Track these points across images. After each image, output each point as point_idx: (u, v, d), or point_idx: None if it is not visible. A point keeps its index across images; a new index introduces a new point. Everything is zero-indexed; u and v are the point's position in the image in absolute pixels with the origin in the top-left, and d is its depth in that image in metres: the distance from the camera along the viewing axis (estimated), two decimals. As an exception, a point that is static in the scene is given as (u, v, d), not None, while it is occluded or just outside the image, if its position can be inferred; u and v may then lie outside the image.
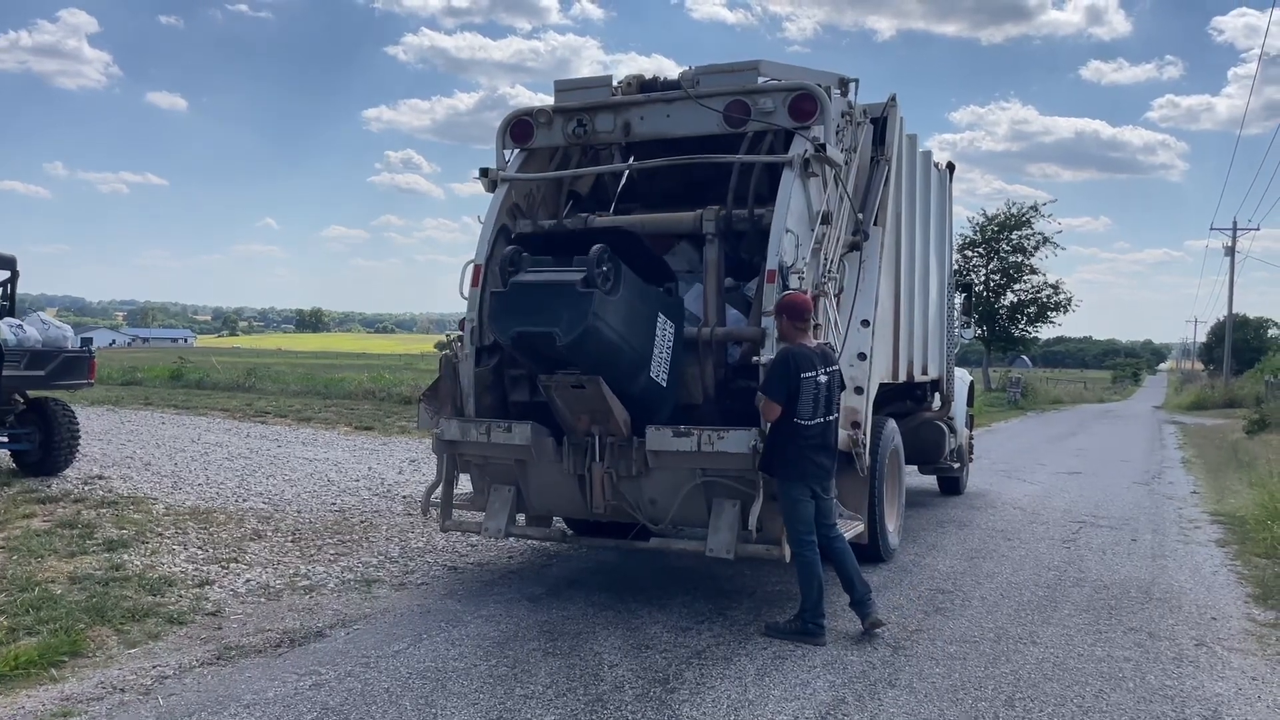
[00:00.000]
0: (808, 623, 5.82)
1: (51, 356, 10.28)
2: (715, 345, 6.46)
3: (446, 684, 4.94)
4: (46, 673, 4.94)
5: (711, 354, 6.47)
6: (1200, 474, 15.56)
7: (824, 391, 5.85)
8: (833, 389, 5.95)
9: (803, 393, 5.73)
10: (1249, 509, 10.72)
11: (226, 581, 6.76)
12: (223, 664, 5.19)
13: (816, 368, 5.81)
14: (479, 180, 7.36)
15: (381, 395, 24.42)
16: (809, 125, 6.61)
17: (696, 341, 6.39)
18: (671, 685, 4.99)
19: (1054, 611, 6.62)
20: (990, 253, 43.80)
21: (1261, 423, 22.50)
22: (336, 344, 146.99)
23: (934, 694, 4.97)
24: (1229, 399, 40.13)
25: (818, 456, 5.86)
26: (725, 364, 6.54)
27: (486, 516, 6.71)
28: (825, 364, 5.91)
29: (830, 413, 5.93)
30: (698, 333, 6.41)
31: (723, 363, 6.53)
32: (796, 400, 5.72)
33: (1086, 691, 5.07)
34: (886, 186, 7.72)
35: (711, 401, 6.49)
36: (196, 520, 8.62)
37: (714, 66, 7.09)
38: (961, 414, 11.41)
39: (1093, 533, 9.68)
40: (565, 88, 7.41)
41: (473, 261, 7.00)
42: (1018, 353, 59.32)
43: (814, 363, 5.82)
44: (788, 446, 5.76)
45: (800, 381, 5.72)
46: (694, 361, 6.43)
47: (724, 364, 6.54)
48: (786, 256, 6.12)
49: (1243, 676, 5.38)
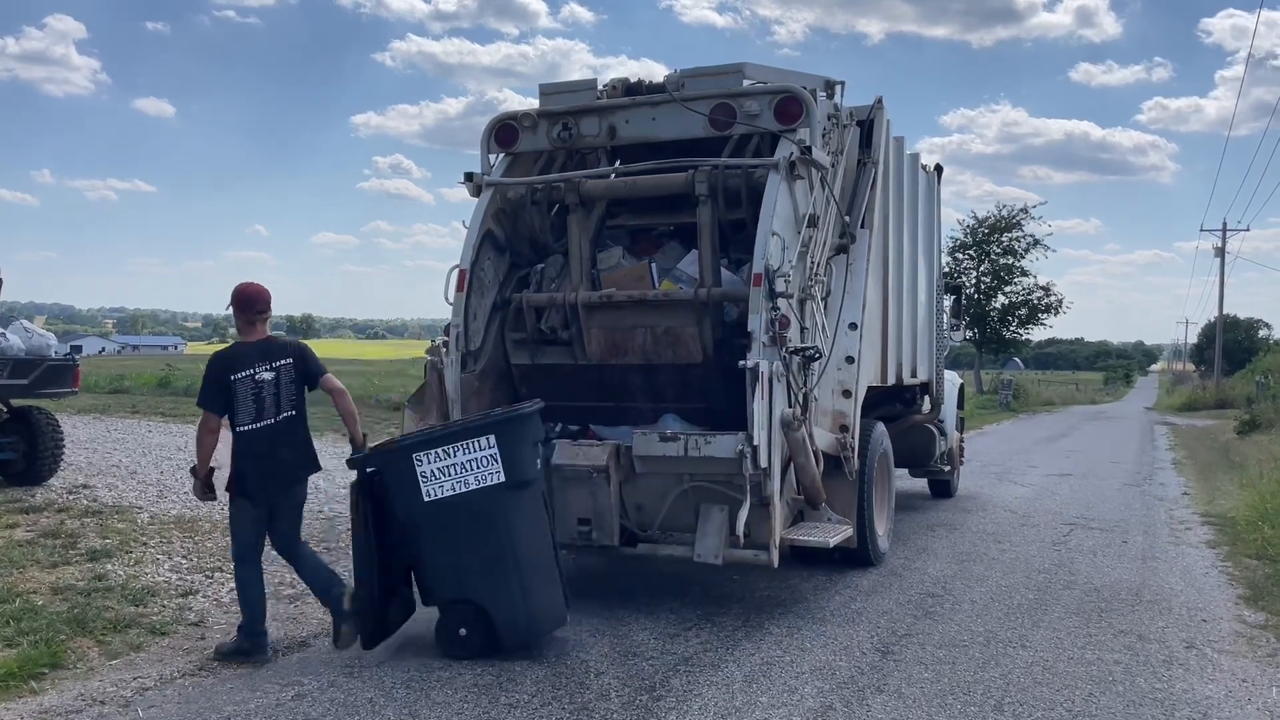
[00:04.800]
0: (244, 639, 5.43)
1: (35, 365, 10.19)
2: (712, 305, 6.64)
3: (430, 693, 4.89)
4: (26, 685, 4.88)
5: (709, 314, 6.64)
6: (1191, 475, 15.57)
7: (270, 389, 5.44)
8: (282, 384, 5.49)
9: (238, 396, 5.39)
10: (1240, 510, 10.71)
11: (210, 591, 6.70)
12: (205, 675, 5.13)
13: (254, 365, 5.43)
14: (464, 185, 7.32)
15: (371, 402, 24.31)
16: (794, 128, 6.59)
17: (694, 302, 6.59)
18: (658, 693, 4.95)
19: (1044, 615, 6.59)
20: (981, 255, 43.86)
21: (1252, 424, 22.54)
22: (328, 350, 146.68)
23: (922, 699, 4.94)
24: (1220, 400, 40.22)
25: (268, 464, 5.48)
26: (722, 323, 6.70)
27: (473, 523, 6.65)
28: (268, 359, 5.48)
29: (283, 410, 5.52)
30: (694, 294, 6.61)
31: (720, 322, 6.69)
32: (233, 405, 5.40)
33: (1076, 695, 5.04)
34: (874, 189, 7.70)
35: (710, 360, 6.66)
36: (181, 529, 8.55)
37: (699, 70, 7.08)
38: (951, 417, 11.39)
39: (1083, 535, 9.66)
40: (550, 91, 7.38)
41: (458, 266, 6.96)
42: (1009, 355, 59.44)
43: (250, 360, 5.44)
44: (237, 460, 5.47)
45: (234, 384, 5.38)
46: (692, 321, 6.63)
47: (721, 323, 6.70)
48: (773, 260, 6.09)
49: (1233, 679, 5.36)
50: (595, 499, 6.12)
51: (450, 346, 6.84)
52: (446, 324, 6.94)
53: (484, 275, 7.11)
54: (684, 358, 6.71)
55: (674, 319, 6.71)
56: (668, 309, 6.73)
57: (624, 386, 7.00)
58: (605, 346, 6.91)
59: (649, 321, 6.78)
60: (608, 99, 7.20)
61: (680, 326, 6.66)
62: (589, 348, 6.95)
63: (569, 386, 7.09)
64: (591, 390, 7.07)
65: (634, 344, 6.83)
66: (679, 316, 6.69)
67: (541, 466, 5.65)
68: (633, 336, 6.82)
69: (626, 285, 6.93)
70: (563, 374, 7.12)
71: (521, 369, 7.22)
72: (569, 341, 7.04)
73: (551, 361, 7.16)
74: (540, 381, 7.13)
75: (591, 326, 6.90)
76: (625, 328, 6.84)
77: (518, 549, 5.36)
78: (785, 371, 6.01)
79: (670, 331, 6.72)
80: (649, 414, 6.91)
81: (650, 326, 6.77)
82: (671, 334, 6.72)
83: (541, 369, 7.19)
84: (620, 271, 7.11)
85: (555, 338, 7.09)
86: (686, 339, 6.66)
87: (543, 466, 5.67)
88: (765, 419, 5.80)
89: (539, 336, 7.13)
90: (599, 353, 6.93)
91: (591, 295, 6.89)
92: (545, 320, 7.08)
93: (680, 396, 6.88)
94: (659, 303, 6.76)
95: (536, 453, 5.55)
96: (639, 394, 6.99)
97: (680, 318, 6.68)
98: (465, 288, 6.90)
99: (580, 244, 7.05)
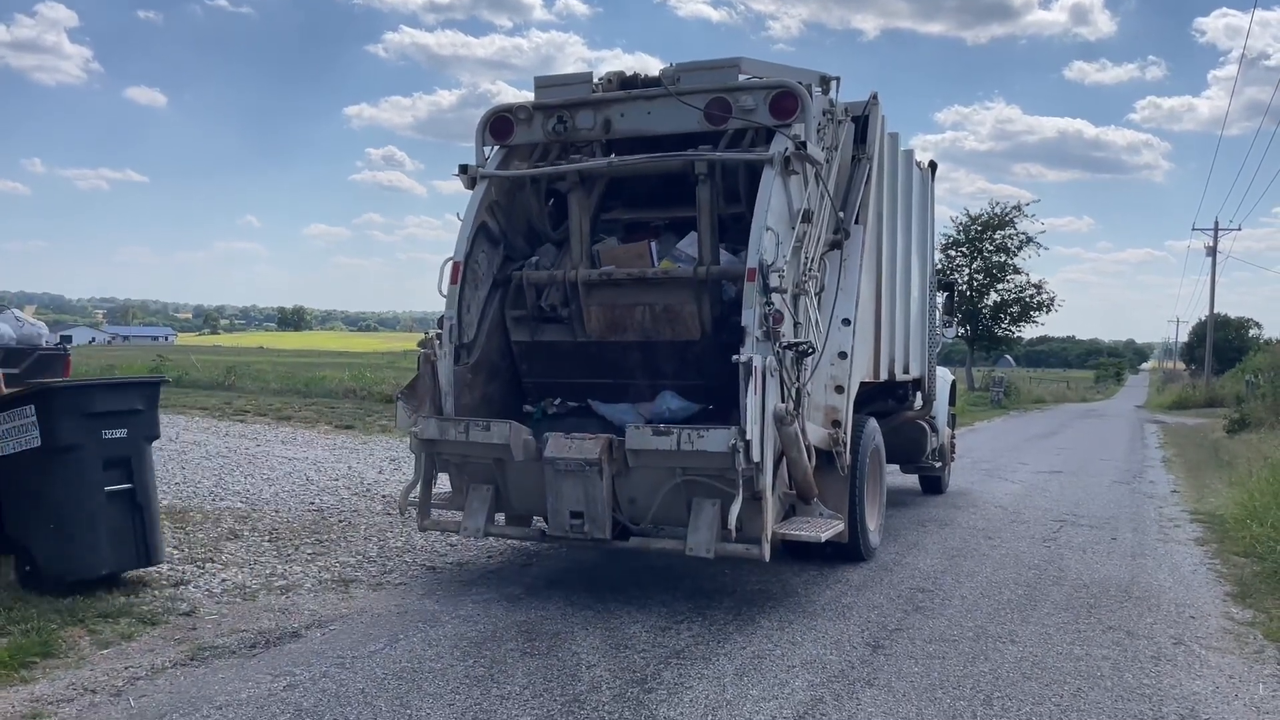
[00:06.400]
0: None
1: (26, 354, 10.19)
2: (710, 283, 6.76)
3: (422, 684, 4.89)
4: (17, 674, 4.86)
5: (707, 291, 6.76)
6: (1181, 473, 15.64)
7: None
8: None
9: None
10: (1228, 508, 10.77)
11: (202, 581, 6.70)
12: (196, 665, 5.13)
13: None
14: (459, 177, 7.31)
15: (362, 394, 24.29)
16: (790, 123, 6.60)
17: (693, 280, 6.72)
18: (649, 685, 4.96)
19: (1033, 610, 6.62)
20: (974, 252, 43.97)
21: (1242, 422, 22.63)
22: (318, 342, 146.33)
23: (912, 693, 4.96)
24: (1210, 398, 40.40)
25: None
26: (720, 300, 6.82)
27: (465, 516, 6.67)
28: None
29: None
30: (693, 271, 6.75)
31: (718, 299, 6.81)
32: None
33: (1065, 690, 5.06)
34: (868, 185, 7.72)
35: (709, 337, 6.79)
36: (172, 520, 8.53)
37: (695, 64, 7.07)
38: (943, 413, 11.43)
39: (1073, 531, 9.71)
40: (545, 84, 7.37)
41: (451, 259, 6.96)
42: (1001, 352, 59.62)
43: None
44: None
45: None
46: (692, 299, 6.76)
47: (719, 301, 6.82)
48: (767, 254, 6.10)
49: (1220, 675, 5.39)
50: (587, 492, 6.14)
51: (443, 339, 6.86)
52: (440, 316, 6.95)
53: (478, 268, 7.12)
54: (682, 335, 6.87)
55: (673, 296, 6.85)
56: (667, 286, 6.86)
57: (623, 363, 7.15)
58: (604, 324, 7.05)
59: (648, 299, 6.92)
60: (603, 92, 7.20)
61: (679, 304, 6.81)
62: (588, 325, 7.10)
63: (568, 363, 7.27)
64: (590, 367, 7.22)
65: (633, 321, 6.98)
66: (678, 294, 6.83)
67: (106, 436, 6.22)
68: (632, 314, 6.97)
69: (626, 263, 7.03)
70: (562, 351, 7.29)
71: (521, 346, 7.36)
72: (568, 319, 7.18)
73: (551, 339, 7.32)
74: (540, 358, 7.33)
75: (591, 304, 7.03)
76: (624, 305, 6.98)
77: (56, 504, 6.07)
78: (779, 366, 6.02)
79: (669, 309, 6.86)
80: (647, 390, 7.04)
81: (649, 304, 6.92)
82: (670, 311, 6.86)
83: (541, 346, 7.34)
84: (620, 249, 7.20)
85: (555, 315, 7.24)
86: (685, 316, 6.81)
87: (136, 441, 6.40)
88: (758, 414, 5.81)
89: (539, 314, 7.27)
90: (598, 330, 7.08)
91: (591, 273, 7.01)
92: (545, 298, 7.23)
93: (678, 373, 7.03)
94: (658, 280, 6.89)
95: (85, 423, 6.14)
96: (638, 371, 7.14)
97: (679, 295, 6.83)
98: (459, 280, 6.91)
99: (580, 223, 7.14)
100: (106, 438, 6.22)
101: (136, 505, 6.38)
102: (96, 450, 6.18)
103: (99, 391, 6.36)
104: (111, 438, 6.24)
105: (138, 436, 6.46)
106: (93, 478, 6.16)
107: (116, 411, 6.31)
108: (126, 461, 6.35)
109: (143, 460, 6.50)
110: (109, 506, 6.21)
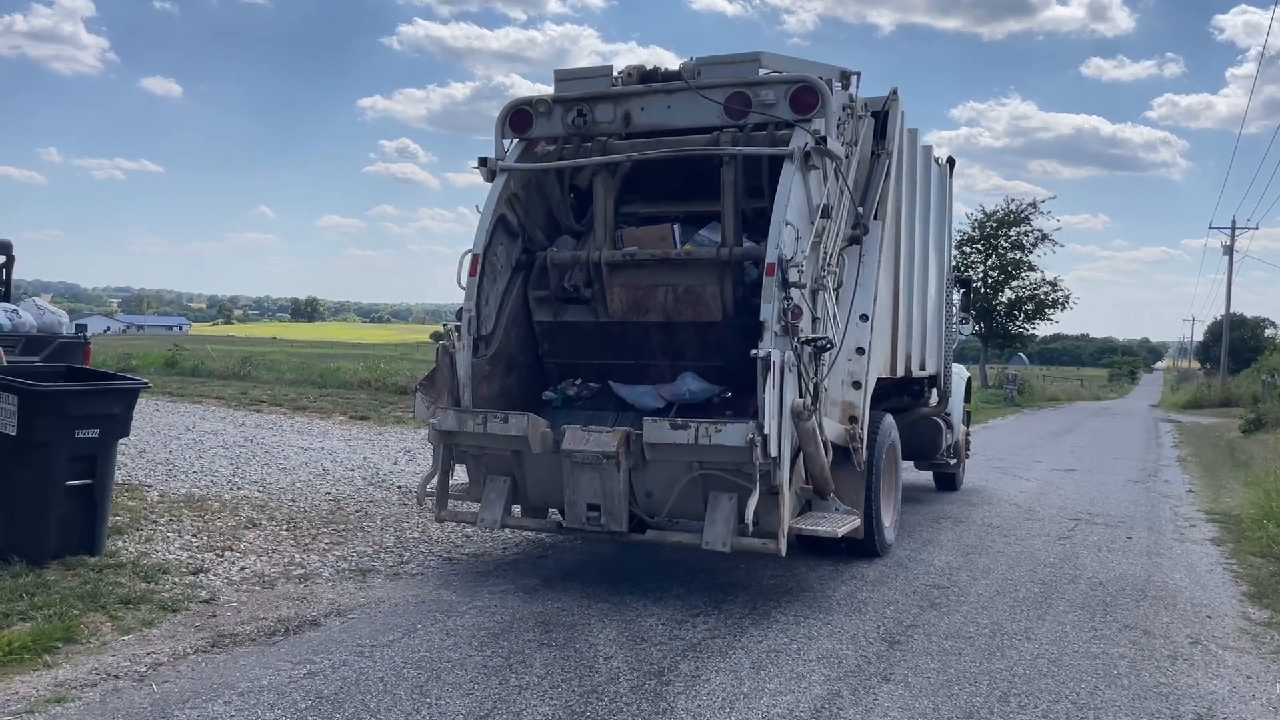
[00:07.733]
0: None
1: (47, 342, 10.26)
2: (734, 264, 6.82)
3: (441, 674, 4.93)
4: (40, 659, 4.91)
5: (730, 273, 6.82)
6: (1196, 473, 15.58)
7: None
8: None
9: None
10: (1244, 508, 10.73)
11: (221, 569, 6.74)
12: (217, 651, 5.17)
13: None
14: (477, 169, 7.33)
15: (377, 385, 24.37)
16: (810, 118, 6.59)
17: (715, 261, 6.79)
18: (666, 678, 4.99)
19: (1049, 608, 6.62)
20: (989, 249, 43.77)
21: (1258, 422, 22.53)
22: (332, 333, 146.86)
23: (928, 689, 4.97)
24: (1225, 398, 40.19)
25: None
26: (743, 282, 6.86)
27: (482, 507, 6.70)
28: None
29: None
30: (716, 252, 6.79)
31: (740, 281, 6.86)
32: None
33: (1081, 688, 5.07)
34: (887, 181, 7.70)
35: (730, 318, 6.85)
36: (191, 508, 8.60)
37: (715, 58, 7.06)
38: (958, 410, 11.41)
39: (1088, 530, 9.69)
40: (565, 77, 7.38)
41: (470, 251, 6.99)
42: (1015, 350, 59.37)
43: None
44: None
45: None
46: (714, 280, 6.83)
47: (741, 282, 6.87)
48: (786, 249, 6.10)
49: (1237, 674, 5.38)
50: (604, 484, 6.17)
51: (462, 331, 6.88)
52: (458, 308, 6.98)
53: (496, 260, 7.15)
54: (704, 316, 6.93)
55: (695, 278, 6.90)
56: (690, 268, 6.92)
57: (644, 344, 7.23)
58: (627, 304, 7.12)
59: (671, 280, 6.98)
60: (623, 85, 7.20)
61: (701, 285, 6.86)
62: (611, 305, 7.17)
63: (590, 344, 7.37)
64: (612, 348, 7.31)
65: (655, 302, 7.04)
66: (700, 275, 6.89)
67: (79, 435, 6.34)
68: (654, 295, 7.03)
69: (649, 245, 7.09)
70: (584, 331, 7.38)
71: (544, 326, 7.43)
72: (591, 300, 7.25)
73: (573, 319, 7.40)
74: (562, 339, 7.41)
75: (614, 285, 7.10)
76: (647, 286, 7.04)
77: (16, 491, 6.29)
78: (796, 362, 6.03)
79: (691, 290, 6.91)
80: (668, 372, 7.08)
81: (672, 285, 6.97)
82: (692, 292, 6.92)
83: (563, 326, 7.42)
84: (643, 231, 7.25)
85: (578, 296, 7.30)
86: (707, 297, 6.87)
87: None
88: (776, 408, 5.81)
89: (562, 294, 7.33)
90: (620, 310, 7.15)
91: (615, 253, 7.08)
92: (569, 278, 7.29)
93: (700, 355, 7.10)
94: (681, 261, 6.95)
95: (62, 423, 6.27)
96: (659, 352, 7.22)
97: (702, 276, 6.88)
98: (478, 272, 6.94)
99: (605, 204, 7.20)
100: (79, 437, 6.36)
101: (92, 500, 6.51)
102: (67, 448, 6.32)
103: (83, 396, 6.45)
104: (84, 437, 6.38)
105: (108, 437, 6.59)
106: (57, 473, 6.31)
107: (94, 414, 6.43)
108: (93, 459, 6.48)
109: (108, 458, 6.64)
110: (65, 500, 6.36)
